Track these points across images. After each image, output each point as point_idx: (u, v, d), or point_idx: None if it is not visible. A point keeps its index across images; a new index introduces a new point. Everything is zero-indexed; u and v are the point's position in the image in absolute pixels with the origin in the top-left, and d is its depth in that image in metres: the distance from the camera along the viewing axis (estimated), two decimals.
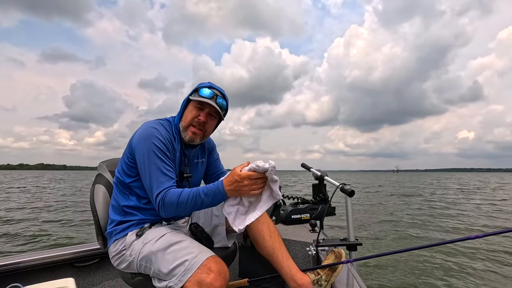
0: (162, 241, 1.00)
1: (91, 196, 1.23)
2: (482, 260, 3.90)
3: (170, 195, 1.00)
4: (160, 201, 1.00)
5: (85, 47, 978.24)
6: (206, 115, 1.14)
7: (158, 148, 1.05)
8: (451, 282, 3.20)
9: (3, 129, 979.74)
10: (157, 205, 1.01)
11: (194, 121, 1.14)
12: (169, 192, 1.01)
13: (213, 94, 1.14)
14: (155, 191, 1.01)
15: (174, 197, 0.99)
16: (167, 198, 1.00)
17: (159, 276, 0.97)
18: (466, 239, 0.88)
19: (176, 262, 0.93)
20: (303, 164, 1.82)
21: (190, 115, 1.14)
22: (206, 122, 1.15)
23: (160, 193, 1.01)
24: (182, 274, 0.90)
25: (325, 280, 1.11)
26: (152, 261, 0.98)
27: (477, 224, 6.62)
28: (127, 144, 1.14)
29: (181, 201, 0.99)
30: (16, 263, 1.32)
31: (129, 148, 1.11)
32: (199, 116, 1.14)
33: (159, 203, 1.00)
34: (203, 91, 1.13)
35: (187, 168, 1.23)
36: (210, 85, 1.17)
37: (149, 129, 1.09)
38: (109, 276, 1.59)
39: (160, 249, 0.98)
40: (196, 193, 0.99)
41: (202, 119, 1.14)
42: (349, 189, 1.30)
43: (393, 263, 3.73)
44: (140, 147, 1.06)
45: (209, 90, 1.13)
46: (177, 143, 1.17)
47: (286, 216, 1.93)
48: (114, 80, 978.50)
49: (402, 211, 8.37)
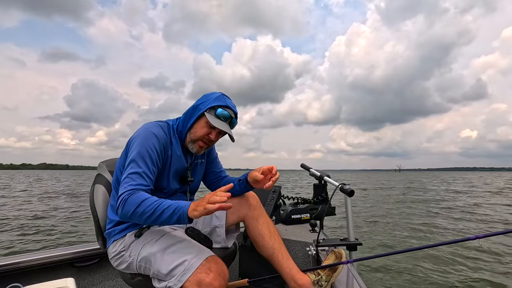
0: (161, 242, 1.01)
1: (91, 196, 1.23)
2: (482, 260, 3.90)
3: (135, 196, 0.92)
4: (122, 199, 0.92)
5: (87, 46, 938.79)
6: (217, 134, 1.15)
7: (147, 152, 1.03)
8: (451, 282, 3.20)
9: (6, 129, 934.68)
10: (118, 202, 0.94)
11: (205, 138, 1.14)
12: (136, 193, 0.93)
13: (229, 117, 1.12)
14: (122, 189, 0.95)
15: (138, 199, 0.91)
16: (131, 198, 0.92)
17: (158, 277, 0.97)
18: (466, 240, 0.88)
19: (175, 263, 0.93)
20: (303, 165, 1.82)
21: (201, 132, 1.13)
22: (215, 141, 1.17)
23: (127, 191, 0.93)
24: (181, 274, 0.90)
25: (325, 281, 1.11)
26: (151, 262, 0.98)
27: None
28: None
29: (142, 206, 0.90)
30: (16, 263, 1.32)
31: (127, 148, 1.11)
32: (210, 134, 1.14)
33: (120, 201, 0.93)
34: (220, 112, 1.10)
35: (189, 172, 1.23)
36: (226, 104, 1.13)
37: (147, 132, 1.07)
38: (109, 276, 1.59)
39: (159, 250, 0.98)
40: (158, 204, 0.90)
41: (213, 138, 1.15)
42: (349, 189, 1.30)
43: (394, 263, 3.73)
44: (133, 147, 1.05)
45: (225, 111, 1.11)
46: (177, 147, 1.16)
47: (286, 216, 1.93)
48: (115, 80, 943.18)
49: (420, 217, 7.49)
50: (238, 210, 1.24)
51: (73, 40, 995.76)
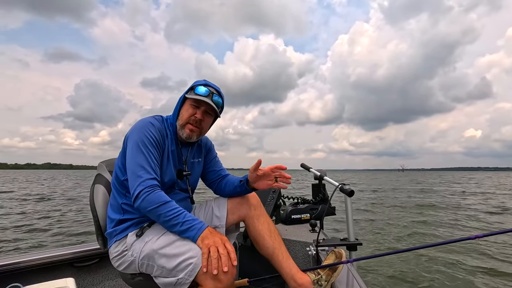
0: (164, 238, 1.00)
1: (91, 196, 1.23)
2: (482, 260, 3.90)
3: (157, 195, 0.97)
4: (142, 193, 0.96)
5: (90, 46, 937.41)
6: (203, 113, 1.16)
7: (148, 139, 1.06)
8: (451, 282, 3.20)
9: (10, 129, 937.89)
10: (136, 194, 0.97)
11: (191, 119, 1.15)
12: (157, 192, 0.98)
13: (209, 92, 1.15)
14: (136, 183, 0.98)
15: (160, 199, 0.97)
16: (153, 195, 0.96)
17: (163, 274, 0.97)
18: (466, 239, 0.88)
19: (181, 257, 0.93)
20: (302, 164, 1.82)
21: (186, 114, 1.15)
22: (202, 120, 1.16)
23: (146, 188, 0.97)
24: (191, 269, 0.90)
25: (325, 280, 1.11)
26: (154, 259, 0.98)
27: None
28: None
29: (162, 208, 0.96)
30: (16, 263, 1.32)
31: (124, 144, 1.12)
32: (196, 114, 1.15)
33: (139, 194, 0.96)
34: (199, 89, 1.14)
35: (185, 166, 1.23)
36: (205, 83, 1.18)
37: (143, 121, 1.12)
38: (109, 276, 1.59)
39: (162, 246, 0.98)
40: (177, 214, 0.96)
41: (199, 116, 1.15)
42: (349, 189, 1.30)
43: (393, 263, 3.73)
44: (131, 137, 1.08)
45: (204, 88, 1.14)
46: (171, 141, 1.17)
47: (286, 216, 1.93)
48: (118, 80, 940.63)
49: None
50: (239, 209, 1.24)
51: (75, 40, 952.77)
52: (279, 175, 1.17)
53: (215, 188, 1.35)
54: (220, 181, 1.34)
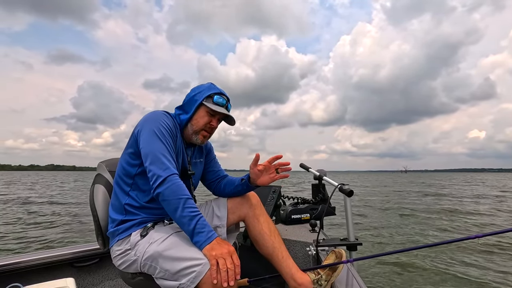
0: (169, 241, 0.99)
1: (91, 196, 1.23)
2: (482, 260, 3.90)
3: (182, 187, 0.96)
4: (168, 181, 0.96)
5: (93, 48, 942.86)
6: (217, 121, 1.21)
7: (165, 129, 1.07)
8: (451, 282, 3.20)
9: (14, 131, 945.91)
10: (162, 180, 0.96)
11: (207, 126, 1.18)
12: (181, 184, 0.97)
13: (225, 102, 1.19)
14: (163, 166, 0.98)
15: (183, 192, 0.96)
16: (178, 186, 0.96)
17: (165, 276, 0.96)
18: (466, 239, 0.88)
19: (185, 263, 0.92)
20: (302, 164, 1.82)
21: (202, 121, 1.17)
22: (216, 127, 1.22)
23: (169, 177, 0.96)
24: (195, 276, 0.89)
25: (325, 280, 1.11)
26: (158, 261, 0.97)
27: None
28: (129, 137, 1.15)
29: (182, 203, 0.94)
30: (16, 263, 1.32)
31: (133, 135, 1.11)
32: (212, 122, 1.18)
33: (165, 180, 0.96)
34: (217, 99, 1.17)
35: (190, 166, 1.24)
36: (220, 92, 1.20)
37: (156, 112, 1.13)
38: (109, 276, 1.59)
39: (166, 249, 0.97)
40: (194, 214, 0.94)
41: (215, 125, 1.20)
42: (348, 189, 1.30)
43: (393, 263, 3.73)
44: (146, 126, 1.07)
45: (221, 98, 1.18)
46: (180, 140, 1.18)
47: (286, 216, 1.93)
48: (121, 81, 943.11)
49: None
50: (239, 209, 1.24)
51: (78, 42, 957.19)
52: (278, 165, 1.19)
53: (214, 188, 1.35)
54: (219, 181, 1.35)
